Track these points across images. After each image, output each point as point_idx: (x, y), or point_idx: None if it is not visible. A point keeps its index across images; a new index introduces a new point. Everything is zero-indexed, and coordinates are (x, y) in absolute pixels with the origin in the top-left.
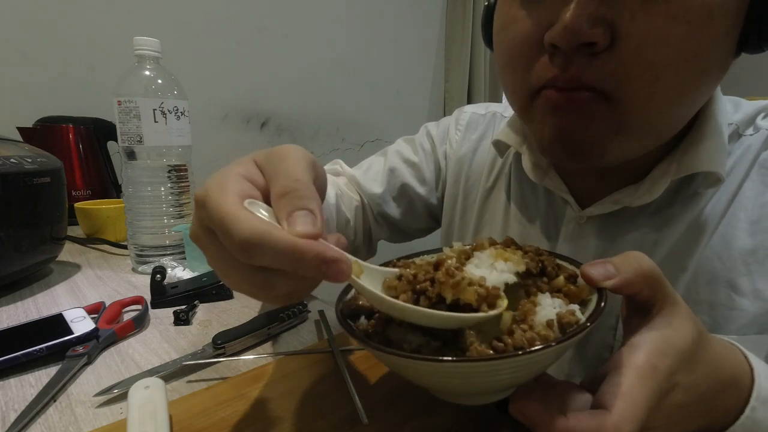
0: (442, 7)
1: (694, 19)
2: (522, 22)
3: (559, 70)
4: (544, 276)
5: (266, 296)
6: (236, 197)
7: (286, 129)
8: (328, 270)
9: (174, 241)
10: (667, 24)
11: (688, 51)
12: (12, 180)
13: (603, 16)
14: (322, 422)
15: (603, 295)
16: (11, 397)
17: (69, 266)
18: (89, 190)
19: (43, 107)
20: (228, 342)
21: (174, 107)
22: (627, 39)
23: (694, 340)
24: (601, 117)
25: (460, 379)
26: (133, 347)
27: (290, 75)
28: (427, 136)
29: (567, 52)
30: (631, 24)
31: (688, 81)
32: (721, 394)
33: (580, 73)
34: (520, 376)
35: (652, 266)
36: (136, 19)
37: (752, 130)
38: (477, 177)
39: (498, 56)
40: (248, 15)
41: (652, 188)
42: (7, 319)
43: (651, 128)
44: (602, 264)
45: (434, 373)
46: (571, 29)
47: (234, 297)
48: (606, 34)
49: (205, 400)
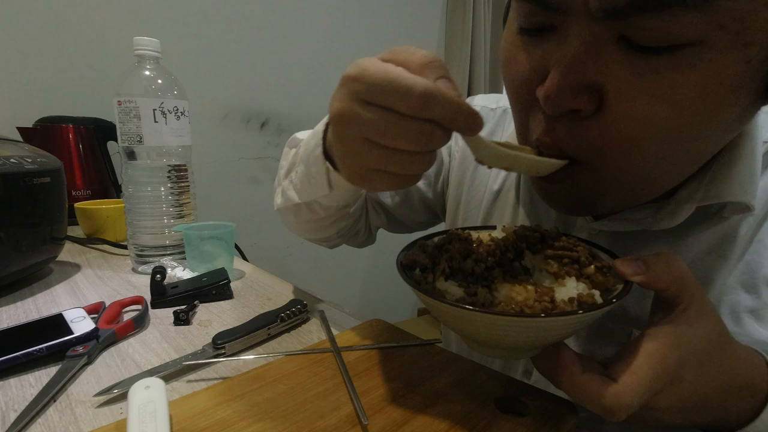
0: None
1: (680, 100)
2: (520, 66)
3: (543, 131)
4: (576, 264)
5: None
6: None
7: (286, 129)
8: (474, 121)
9: (174, 241)
10: (649, 103)
11: (669, 129)
12: (12, 180)
13: (591, 82)
14: (322, 422)
15: (628, 286)
16: (11, 397)
17: (69, 266)
18: (89, 190)
19: (43, 107)
20: (228, 342)
21: (174, 107)
22: (610, 109)
23: (711, 341)
24: (583, 184)
25: (486, 328)
26: (133, 347)
27: (290, 75)
28: None
29: (552, 114)
30: (617, 94)
31: (673, 149)
32: (735, 396)
33: (560, 141)
34: (539, 336)
35: (682, 268)
36: (136, 19)
37: None
38: (483, 179)
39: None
40: (248, 15)
41: (675, 212)
42: (7, 319)
43: (639, 190)
44: (634, 260)
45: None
46: (553, 99)
47: (234, 297)
48: (591, 101)
49: (205, 400)
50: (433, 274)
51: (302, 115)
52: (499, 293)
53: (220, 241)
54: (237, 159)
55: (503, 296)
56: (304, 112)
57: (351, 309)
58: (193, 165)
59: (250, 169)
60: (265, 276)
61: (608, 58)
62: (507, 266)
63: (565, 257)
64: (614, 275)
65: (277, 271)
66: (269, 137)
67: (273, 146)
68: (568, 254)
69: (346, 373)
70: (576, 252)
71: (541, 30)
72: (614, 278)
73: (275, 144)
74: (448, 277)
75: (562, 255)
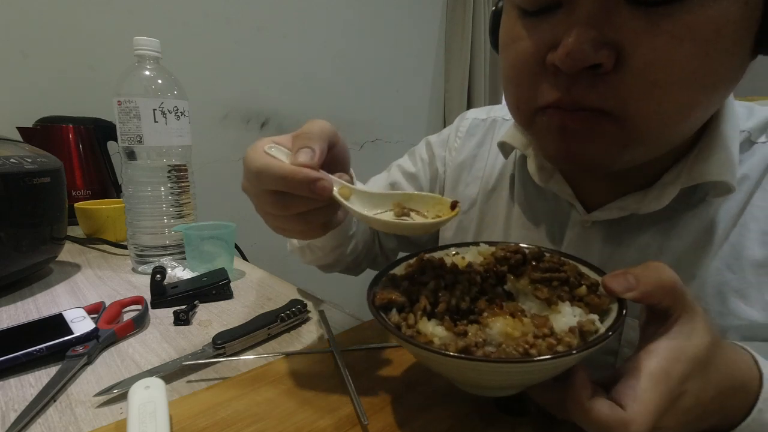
0: (442, 7)
1: (699, 37)
2: (525, 42)
3: (562, 91)
4: (566, 285)
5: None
6: (260, 149)
7: (286, 129)
8: (314, 187)
9: (174, 241)
10: (671, 44)
11: (694, 69)
12: (12, 180)
13: (607, 39)
14: (322, 422)
15: (623, 306)
16: (11, 397)
17: (69, 266)
18: (89, 190)
19: (43, 107)
20: (228, 342)
21: (174, 107)
22: (631, 60)
23: (708, 348)
24: (608, 135)
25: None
26: (133, 347)
27: (290, 75)
28: (426, 147)
29: (571, 74)
30: (636, 45)
31: (696, 97)
32: (731, 397)
33: (583, 94)
34: (546, 375)
35: (673, 278)
36: (136, 19)
37: (765, 138)
38: (476, 181)
39: (503, 70)
40: (248, 15)
41: (661, 196)
42: (7, 319)
43: (659, 141)
44: (623, 275)
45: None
46: (574, 54)
47: (234, 297)
48: (611, 56)
49: (205, 400)
50: (414, 315)
51: (302, 115)
52: (492, 329)
53: (220, 241)
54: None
55: (498, 333)
56: (304, 112)
57: (351, 309)
58: (193, 165)
59: None
60: (265, 276)
61: (622, 16)
62: (490, 293)
63: (554, 279)
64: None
65: (277, 271)
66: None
67: None
68: (557, 276)
69: (346, 373)
70: (564, 272)
71: (546, 9)
72: (607, 298)
73: None
74: (431, 316)
75: (551, 278)
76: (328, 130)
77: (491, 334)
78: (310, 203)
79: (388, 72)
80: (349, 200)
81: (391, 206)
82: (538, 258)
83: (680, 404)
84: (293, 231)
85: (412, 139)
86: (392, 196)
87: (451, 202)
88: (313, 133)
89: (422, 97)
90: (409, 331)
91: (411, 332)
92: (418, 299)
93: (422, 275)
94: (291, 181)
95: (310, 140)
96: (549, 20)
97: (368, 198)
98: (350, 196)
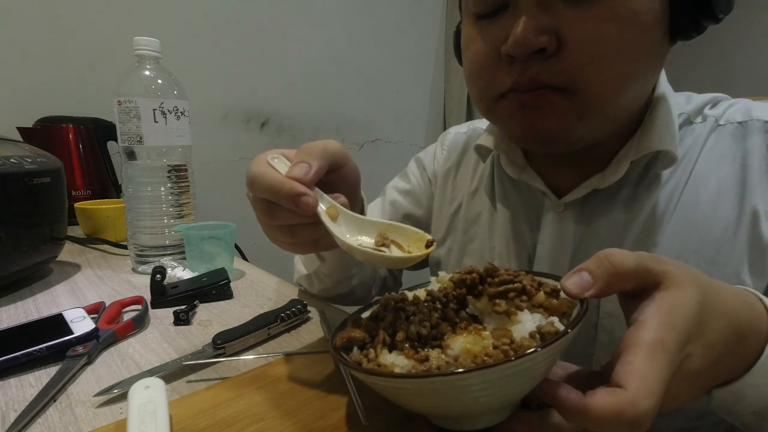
0: (442, 7)
1: (621, 18)
2: (480, 42)
3: (518, 75)
4: (523, 295)
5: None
6: (264, 158)
7: (286, 129)
8: (298, 202)
9: (174, 241)
10: (599, 25)
11: (623, 43)
12: (12, 180)
13: (547, 26)
14: (322, 422)
15: (584, 304)
16: (11, 397)
17: (69, 266)
18: (89, 190)
19: (43, 107)
20: (228, 342)
21: (174, 107)
22: (570, 41)
23: (699, 302)
24: (563, 107)
25: (453, 394)
26: (133, 347)
27: (290, 75)
28: (416, 164)
29: (522, 59)
30: (571, 29)
31: (630, 66)
32: (741, 343)
33: (535, 75)
34: (509, 389)
35: (626, 261)
36: (136, 19)
37: (701, 119)
38: (462, 184)
39: (464, 70)
40: (248, 15)
41: (616, 170)
42: (7, 319)
43: (607, 111)
44: (578, 274)
45: (432, 391)
46: (522, 41)
47: (234, 297)
48: (552, 40)
49: (205, 400)
50: (374, 349)
51: (302, 115)
52: (453, 350)
53: (220, 241)
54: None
55: (459, 351)
56: (304, 112)
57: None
58: (193, 165)
59: None
60: (265, 276)
61: (556, 8)
62: (453, 319)
63: (510, 291)
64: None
65: (277, 271)
66: (269, 137)
67: (273, 146)
68: (512, 287)
69: (347, 373)
70: (519, 282)
71: (495, 11)
72: (566, 300)
73: (275, 144)
74: (392, 348)
75: (506, 290)
76: (332, 150)
77: (453, 354)
78: (295, 217)
79: (388, 72)
80: (337, 221)
81: (376, 235)
82: (492, 274)
83: (688, 368)
84: (282, 242)
85: (412, 139)
86: (379, 224)
87: (428, 240)
88: (315, 149)
89: (422, 97)
90: (369, 365)
91: (371, 365)
92: None
93: (384, 311)
94: (278, 192)
95: (310, 156)
96: (498, 21)
97: (356, 222)
98: (338, 218)
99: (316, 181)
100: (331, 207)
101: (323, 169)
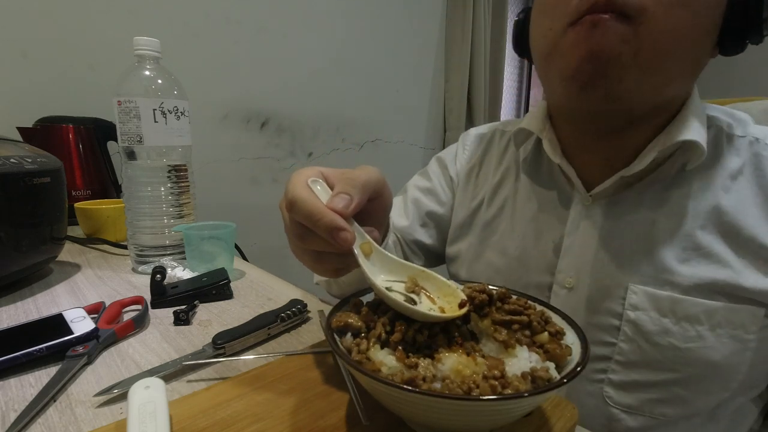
0: (442, 7)
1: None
2: None
3: None
4: (527, 329)
5: (303, 250)
6: (304, 179)
7: (286, 129)
8: (336, 236)
9: (174, 241)
10: None
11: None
12: (12, 180)
13: None
14: (322, 422)
15: (584, 359)
16: (11, 397)
17: (69, 266)
18: (89, 190)
19: (43, 107)
20: (228, 342)
21: (174, 107)
22: None
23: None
24: (626, 35)
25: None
26: (133, 347)
27: (290, 75)
28: (438, 163)
29: None
30: None
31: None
32: None
33: None
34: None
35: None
36: (136, 19)
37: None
38: (484, 180)
39: (534, 18)
40: (248, 15)
41: (642, 160)
42: (7, 319)
43: (656, 67)
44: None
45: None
46: None
47: (234, 297)
48: None
49: (205, 400)
50: (367, 341)
51: (302, 115)
52: (444, 365)
53: (220, 241)
54: (237, 159)
55: (449, 369)
56: (304, 112)
57: None
58: (193, 165)
59: (250, 169)
60: (265, 276)
61: None
62: (452, 332)
63: (515, 322)
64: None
65: (277, 271)
66: (269, 137)
67: (273, 146)
68: (518, 319)
69: (347, 372)
70: (526, 316)
71: None
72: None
73: (275, 144)
74: (385, 344)
75: (511, 320)
76: (374, 181)
77: (442, 369)
78: (328, 245)
79: (388, 72)
80: (370, 259)
81: (405, 278)
82: (503, 299)
83: None
84: (305, 261)
85: (412, 139)
86: (411, 269)
87: (461, 300)
88: (358, 181)
89: (422, 97)
90: (358, 357)
91: (360, 357)
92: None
93: (386, 304)
94: (317, 222)
95: (353, 188)
96: None
97: (388, 261)
98: (371, 255)
99: (355, 212)
100: (365, 243)
101: (363, 202)
